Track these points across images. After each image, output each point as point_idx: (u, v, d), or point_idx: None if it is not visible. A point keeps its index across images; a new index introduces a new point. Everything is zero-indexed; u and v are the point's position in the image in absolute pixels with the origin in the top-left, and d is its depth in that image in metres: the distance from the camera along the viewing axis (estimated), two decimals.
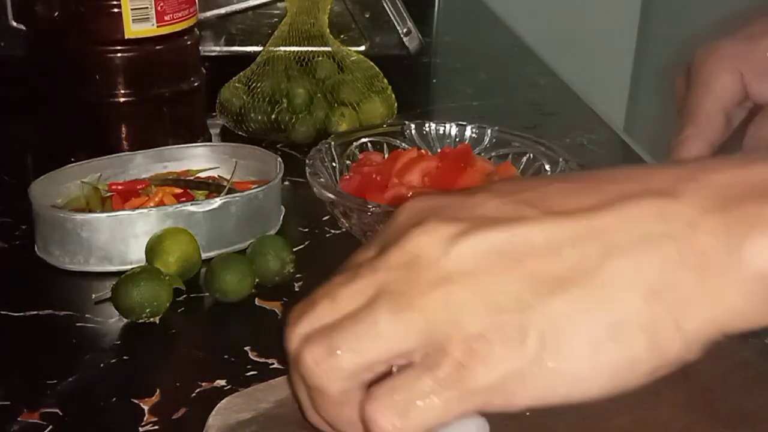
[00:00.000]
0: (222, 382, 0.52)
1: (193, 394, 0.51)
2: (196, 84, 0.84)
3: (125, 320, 0.58)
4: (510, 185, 0.36)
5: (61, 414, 0.49)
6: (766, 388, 0.47)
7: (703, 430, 0.44)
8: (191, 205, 0.65)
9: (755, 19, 0.57)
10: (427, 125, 0.74)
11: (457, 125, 0.74)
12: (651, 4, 2.12)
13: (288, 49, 0.93)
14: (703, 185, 0.33)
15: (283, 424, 0.46)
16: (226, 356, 0.55)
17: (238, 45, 1.10)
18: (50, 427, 0.48)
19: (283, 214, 0.71)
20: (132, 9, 0.76)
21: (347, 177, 0.69)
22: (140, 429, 0.48)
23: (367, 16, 1.11)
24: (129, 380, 0.53)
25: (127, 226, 0.63)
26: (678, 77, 0.59)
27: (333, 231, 0.72)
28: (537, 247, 0.32)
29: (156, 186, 0.71)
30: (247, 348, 0.56)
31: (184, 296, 0.61)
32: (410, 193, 0.64)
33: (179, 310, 0.60)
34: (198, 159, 0.76)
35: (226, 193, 0.68)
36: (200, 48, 0.86)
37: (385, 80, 0.95)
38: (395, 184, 0.66)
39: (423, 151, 0.71)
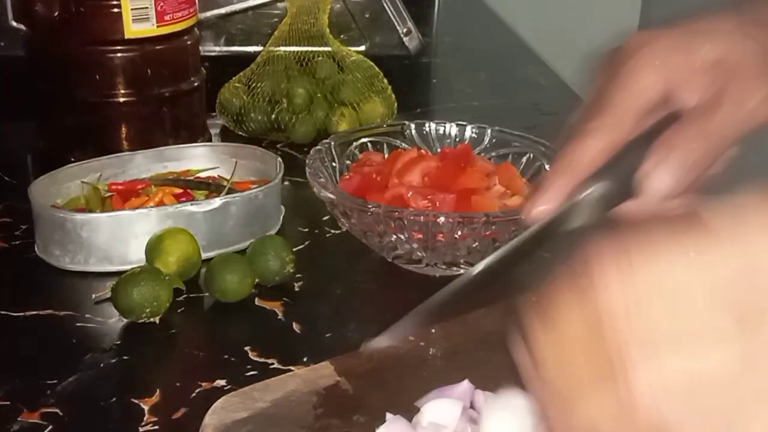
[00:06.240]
0: (222, 382, 0.52)
1: (193, 394, 0.51)
2: (196, 84, 0.84)
3: (125, 320, 0.58)
4: None
5: (61, 414, 0.49)
6: None
7: None
8: (191, 205, 0.65)
9: (705, 14, 0.50)
10: (427, 125, 0.74)
11: (457, 125, 0.74)
12: (651, 4, 2.12)
13: (288, 49, 0.93)
14: None
15: (279, 423, 0.46)
16: (226, 356, 0.55)
17: (238, 45, 1.10)
18: (50, 427, 0.48)
19: (283, 214, 0.71)
20: (132, 9, 0.76)
21: (347, 177, 0.69)
22: (140, 429, 0.48)
23: (367, 16, 1.11)
24: (129, 380, 0.53)
25: (127, 226, 0.63)
26: (602, 64, 0.52)
27: (333, 231, 0.72)
28: None
29: (156, 186, 0.71)
30: (247, 348, 0.56)
31: (184, 296, 0.61)
32: (410, 194, 0.64)
33: (179, 310, 0.60)
34: (198, 159, 0.76)
35: (226, 193, 0.68)
36: (200, 48, 0.86)
37: (385, 80, 0.95)
38: (395, 184, 0.65)
39: (423, 151, 0.71)
